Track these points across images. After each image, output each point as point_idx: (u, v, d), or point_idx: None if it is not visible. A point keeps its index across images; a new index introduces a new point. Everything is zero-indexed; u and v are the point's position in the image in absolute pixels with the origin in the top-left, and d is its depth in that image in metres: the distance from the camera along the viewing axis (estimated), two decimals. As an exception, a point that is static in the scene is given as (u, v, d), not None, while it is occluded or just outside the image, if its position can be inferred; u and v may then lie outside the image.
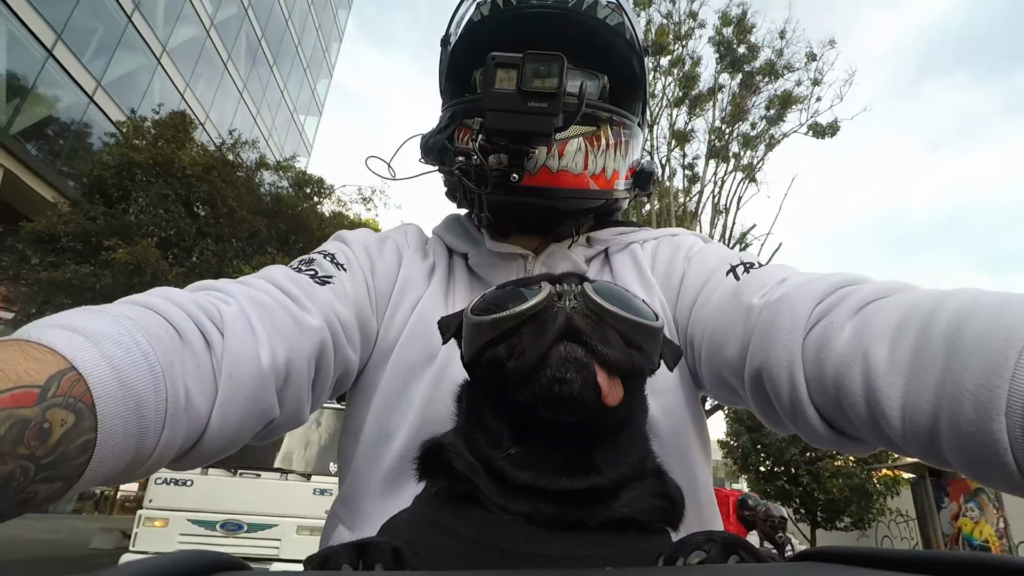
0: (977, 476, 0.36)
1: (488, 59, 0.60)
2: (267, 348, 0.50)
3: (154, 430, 0.38)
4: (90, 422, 0.34)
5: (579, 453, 0.43)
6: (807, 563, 0.36)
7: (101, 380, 0.35)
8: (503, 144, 0.64)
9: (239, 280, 0.57)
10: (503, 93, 0.60)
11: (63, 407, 0.33)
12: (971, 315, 0.37)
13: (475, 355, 0.45)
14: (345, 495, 0.67)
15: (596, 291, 0.43)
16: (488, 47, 0.63)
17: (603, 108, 0.73)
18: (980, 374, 0.33)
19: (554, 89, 0.59)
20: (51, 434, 0.32)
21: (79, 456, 0.34)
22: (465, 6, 0.76)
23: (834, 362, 0.45)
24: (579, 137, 0.71)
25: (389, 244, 0.76)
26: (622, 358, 0.41)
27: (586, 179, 0.72)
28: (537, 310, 0.42)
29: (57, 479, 0.33)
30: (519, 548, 0.40)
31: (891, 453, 2.43)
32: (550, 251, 0.76)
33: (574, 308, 0.42)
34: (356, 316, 0.64)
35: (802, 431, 0.51)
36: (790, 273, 0.58)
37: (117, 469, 0.37)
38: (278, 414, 0.52)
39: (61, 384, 0.33)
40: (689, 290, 0.68)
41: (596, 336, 0.40)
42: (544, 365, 0.40)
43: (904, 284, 0.48)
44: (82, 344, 0.36)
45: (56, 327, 0.37)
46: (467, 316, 0.46)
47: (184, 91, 14.82)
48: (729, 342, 0.57)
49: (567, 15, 0.71)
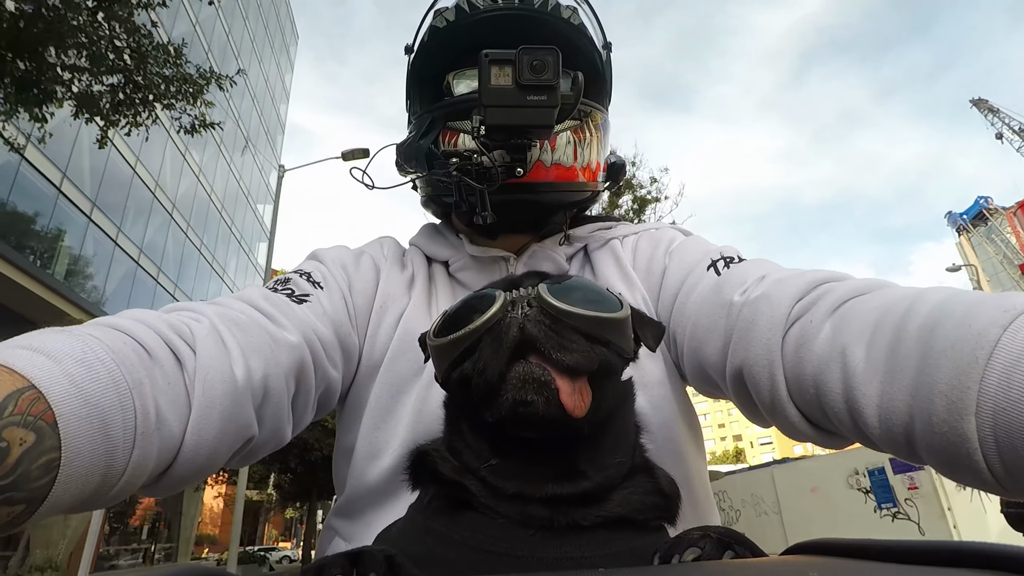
0: (950, 474, 0.36)
1: (482, 56, 0.60)
2: (241, 364, 0.49)
3: (123, 450, 0.37)
4: (52, 441, 0.33)
5: (561, 460, 0.43)
6: (801, 556, 0.36)
7: (63, 398, 0.34)
8: (502, 140, 0.64)
9: (212, 301, 0.57)
10: (501, 89, 0.60)
11: (21, 425, 0.31)
12: (944, 316, 0.37)
13: (444, 375, 0.45)
14: (341, 507, 0.66)
15: (552, 292, 0.42)
16: (455, 51, 0.63)
17: (587, 103, 0.74)
18: (952, 375, 0.34)
19: (551, 82, 0.59)
20: (9, 454, 0.30)
21: (42, 477, 0.32)
22: (430, 11, 0.76)
23: (813, 360, 0.45)
24: (567, 130, 0.71)
25: (365, 259, 0.76)
26: (583, 360, 0.40)
27: (576, 171, 0.72)
28: (493, 323, 0.41)
29: (17, 501, 0.32)
30: (514, 551, 0.40)
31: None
32: (531, 251, 0.76)
33: (527, 316, 0.41)
34: (335, 333, 0.63)
35: (781, 426, 0.51)
36: (770, 269, 0.58)
37: (85, 492, 0.36)
38: (257, 432, 0.51)
39: (19, 403, 0.32)
40: (671, 285, 0.68)
41: (551, 343, 0.40)
42: (504, 386, 0.40)
43: (882, 282, 0.48)
44: (42, 363, 0.35)
45: (15, 347, 0.36)
46: (429, 338, 0.45)
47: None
48: (710, 339, 0.57)
49: (532, 16, 0.71)
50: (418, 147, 0.73)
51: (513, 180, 0.66)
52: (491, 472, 0.43)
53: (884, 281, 0.49)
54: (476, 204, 0.68)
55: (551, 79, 0.59)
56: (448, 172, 0.67)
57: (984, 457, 0.32)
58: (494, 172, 0.64)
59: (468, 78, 0.73)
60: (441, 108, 0.73)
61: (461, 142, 0.70)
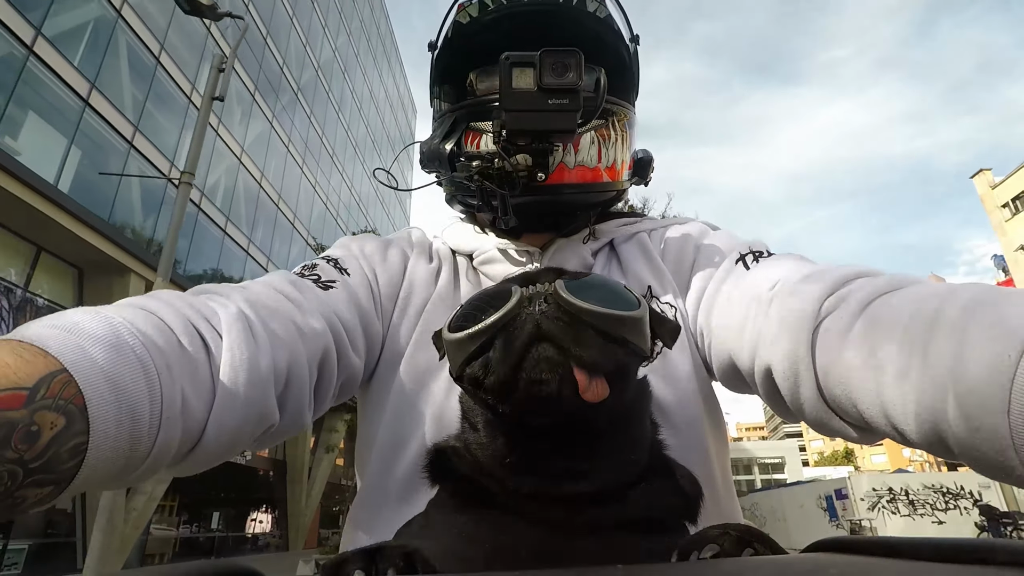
0: (984, 472, 0.36)
1: (502, 59, 0.59)
2: (266, 352, 0.49)
3: (149, 434, 0.38)
4: (81, 425, 0.33)
5: (578, 456, 0.42)
6: (822, 554, 0.36)
7: (93, 382, 0.34)
8: (524, 144, 0.63)
9: (240, 285, 0.57)
10: (523, 92, 0.59)
11: (53, 409, 0.32)
12: (977, 312, 0.36)
13: (458, 370, 0.45)
14: (363, 499, 0.67)
15: (570, 288, 0.42)
16: (478, 47, 0.62)
17: (612, 101, 0.73)
18: (985, 372, 0.33)
19: (574, 84, 0.58)
20: (40, 437, 0.31)
21: (70, 460, 0.33)
22: (453, 7, 0.75)
23: (844, 357, 0.45)
24: (591, 131, 0.70)
25: (394, 248, 0.76)
26: (600, 357, 0.40)
27: (600, 172, 0.72)
28: (508, 319, 0.41)
29: (47, 483, 0.32)
30: (533, 549, 0.40)
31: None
32: (557, 247, 0.75)
33: (544, 312, 0.40)
34: (360, 320, 0.63)
35: (812, 423, 0.50)
36: (800, 264, 0.57)
37: (111, 473, 0.36)
38: (278, 419, 0.51)
39: (51, 386, 0.32)
40: (699, 278, 0.67)
41: (568, 338, 0.39)
42: (518, 373, 0.39)
43: (914, 278, 0.47)
44: (75, 345, 0.35)
45: (50, 327, 0.36)
46: (444, 333, 0.45)
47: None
48: (738, 334, 0.56)
49: (556, 10, 0.70)
50: (440, 148, 0.72)
51: (537, 183, 0.65)
52: (507, 470, 0.42)
53: (916, 277, 0.48)
54: (498, 207, 0.67)
55: (573, 82, 0.58)
56: (470, 175, 0.66)
57: (1017, 453, 0.32)
58: (515, 177, 0.63)
59: (491, 77, 0.71)
60: (464, 108, 0.72)
61: (483, 144, 0.69)
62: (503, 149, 0.63)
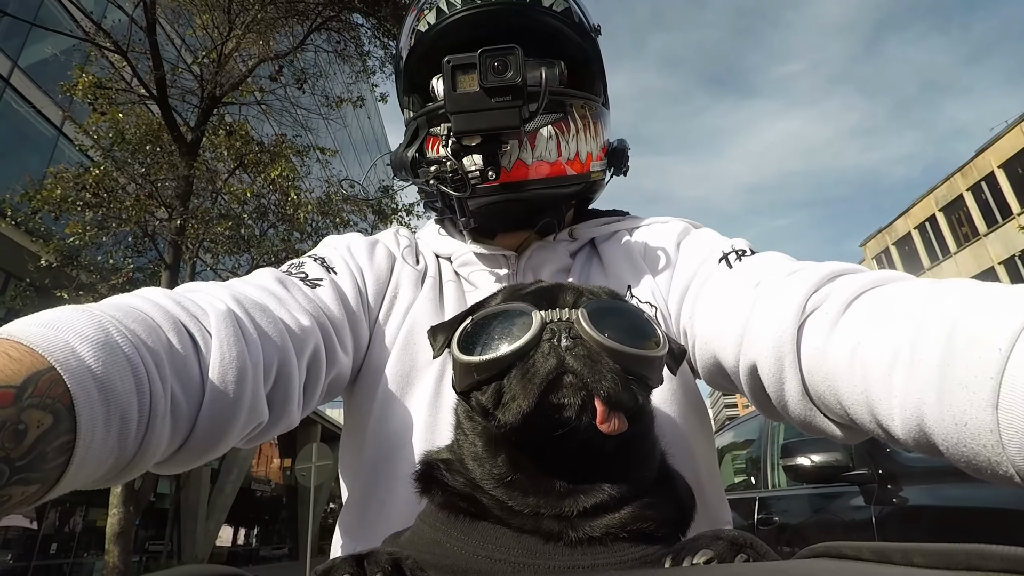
0: (970, 470, 0.36)
1: (444, 64, 0.60)
2: (256, 350, 0.49)
3: (137, 432, 0.37)
4: (68, 424, 0.33)
5: (583, 478, 0.42)
6: (814, 560, 0.36)
7: (81, 381, 0.34)
8: (475, 145, 0.64)
9: (228, 283, 0.57)
10: (466, 94, 0.60)
11: (40, 408, 0.32)
12: (965, 307, 0.36)
13: (465, 388, 0.44)
14: (351, 505, 0.66)
15: (593, 321, 0.41)
16: (440, 53, 0.63)
17: (566, 93, 0.73)
18: (972, 369, 0.33)
19: (513, 81, 0.59)
20: (27, 436, 0.31)
21: (56, 458, 0.33)
22: (412, 17, 0.76)
23: (829, 354, 0.45)
24: (548, 125, 0.70)
25: (380, 248, 0.76)
26: (624, 395, 0.40)
27: (562, 166, 0.72)
28: (527, 349, 0.40)
29: (33, 481, 0.32)
30: (525, 560, 0.40)
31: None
32: (533, 250, 0.75)
33: (568, 349, 0.40)
34: (347, 319, 0.63)
35: (797, 421, 0.51)
36: (783, 262, 0.57)
37: (98, 472, 0.36)
38: (267, 417, 0.51)
39: (39, 384, 0.32)
40: (681, 277, 0.67)
41: (593, 375, 0.39)
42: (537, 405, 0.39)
43: (898, 274, 0.48)
44: (63, 343, 0.35)
45: (38, 325, 0.36)
46: (455, 352, 0.44)
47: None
48: (722, 333, 0.56)
49: (513, 9, 0.71)
50: (405, 155, 0.73)
51: (490, 183, 0.66)
52: (507, 488, 0.42)
53: (900, 273, 0.48)
54: (456, 210, 0.68)
55: (513, 79, 0.59)
56: (427, 180, 0.67)
57: (1004, 449, 0.32)
58: (467, 179, 0.64)
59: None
60: (423, 115, 0.73)
61: (443, 148, 0.69)
62: (453, 152, 0.64)
